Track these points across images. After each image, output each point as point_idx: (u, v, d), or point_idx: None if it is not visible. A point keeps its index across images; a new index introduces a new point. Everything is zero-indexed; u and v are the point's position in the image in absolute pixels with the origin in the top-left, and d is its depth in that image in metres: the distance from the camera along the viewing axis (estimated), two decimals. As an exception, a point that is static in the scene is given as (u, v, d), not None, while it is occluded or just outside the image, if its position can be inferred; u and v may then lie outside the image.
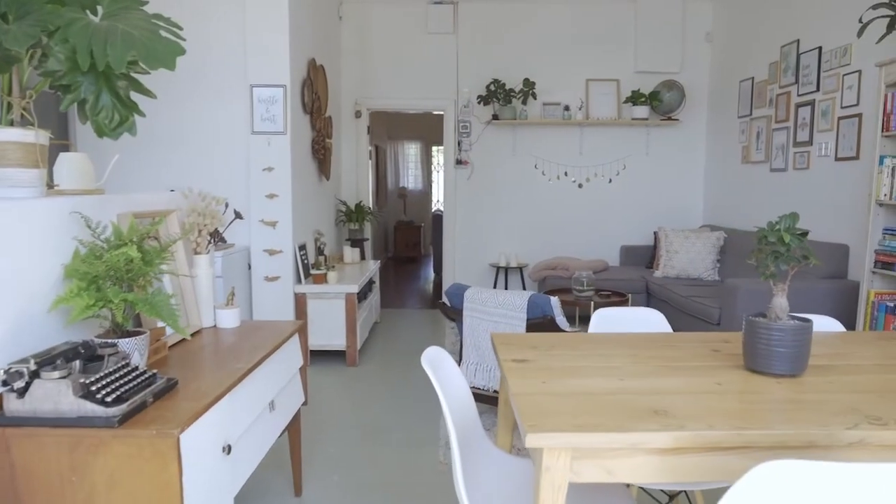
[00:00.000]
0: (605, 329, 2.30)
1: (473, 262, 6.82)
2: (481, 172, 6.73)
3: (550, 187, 6.79)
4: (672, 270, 5.80)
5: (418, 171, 11.88)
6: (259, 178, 4.43)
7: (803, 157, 4.94)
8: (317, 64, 5.18)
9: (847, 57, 4.41)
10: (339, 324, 4.65)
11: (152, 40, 1.57)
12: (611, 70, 6.65)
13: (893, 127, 3.53)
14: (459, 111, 6.63)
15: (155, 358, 2.02)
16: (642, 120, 6.46)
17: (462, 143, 6.68)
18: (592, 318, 2.31)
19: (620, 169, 6.80)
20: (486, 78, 6.57)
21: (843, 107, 4.46)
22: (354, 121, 6.58)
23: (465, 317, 3.23)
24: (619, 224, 6.85)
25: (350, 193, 6.63)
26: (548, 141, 6.73)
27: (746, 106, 5.84)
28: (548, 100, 6.63)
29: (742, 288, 4.17)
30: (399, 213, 11.50)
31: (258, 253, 4.48)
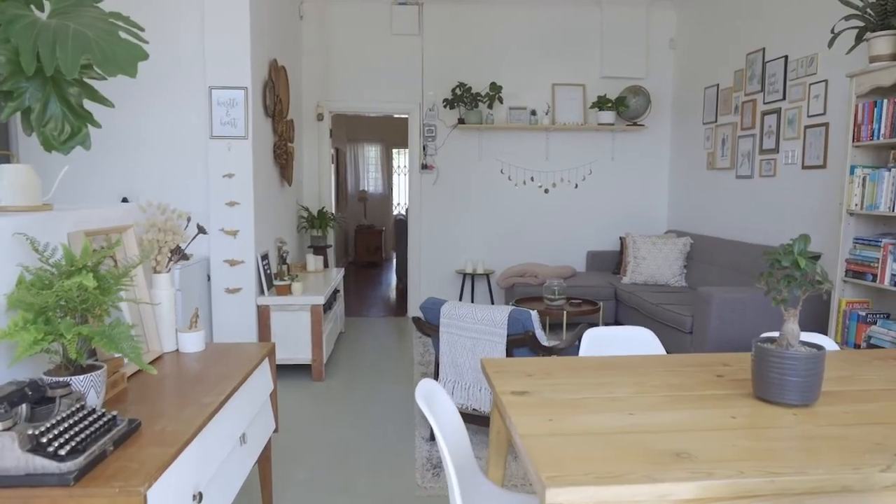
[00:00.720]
0: (596, 350, 2.20)
1: (439, 269, 6.69)
2: (447, 177, 6.60)
3: (517, 192, 6.71)
4: (640, 277, 5.78)
5: (378, 174, 11.68)
6: (219, 185, 4.20)
7: (770, 165, 4.97)
8: (278, 65, 4.97)
9: (813, 67, 4.45)
10: (304, 337, 4.45)
11: (110, 42, 1.38)
12: (577, 75, 6.62)
13: (864, 137, 3.55)
14: (425, 115, 6.49)
15: (113, 392, 1.83)
16: (608, 125, 6.44)
17: (427, 147, 6.54)
18: (584, 338, 2.20)
19: (586, 174, 6.77)
20: (451, 81, 6.45)
21: (809, 115, 4.50)
22: (316, 123, 6.37)
23: (442, 333, 3.09)
24: (585, 229, 6.82)
25: (312, 199, 6.41)
26: (514, 146, 6.65)
27: (711, 113, 5.87)
28: (514, 104, 6.55)
29: (716, 296, 4.15)
30: (359, 216, 11.28)
31: (218, 264, 4.25)
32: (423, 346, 5.39)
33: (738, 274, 5.02)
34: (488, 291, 6.64)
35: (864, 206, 3.57)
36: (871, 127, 3.51)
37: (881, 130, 3.44)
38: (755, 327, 4.21)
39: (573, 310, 4.67)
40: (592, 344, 2.20)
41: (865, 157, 3.66)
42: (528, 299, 5.14)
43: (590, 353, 2.18)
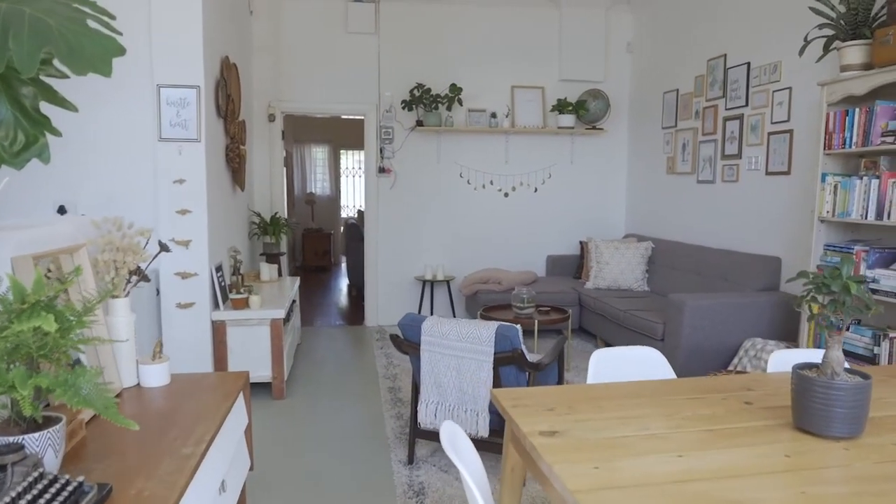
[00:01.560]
0: (605, 373, 2.06)
1: (398, 276, 6.48)
2: (405, 181, 6.40)
3: (476, 197, 6.57)
4: (603, 282, 5.74)
5: (326, 176, 11.35)
6: (169, 192, 3.87)
7: (732, 170, 5.00)
8: (230, 62, 4.65)
9: (777, 74, 4.49)
10: (263, 353, 4.17)
11: (76, 33, 1.14)
12: (536, 77, 6.54)
13: (836, 145, 3.56)
14: (382, 116, 6.27)
15: (71, 444, 1.56)
16: (568, 129, 6.39)
17: (385, 150, 6.32)
18: (591, 361, 2.06)
19: (546, 178, 6.70)
20: (409, 82, 6.25)
21: (773, 122, 4.53)
22: (268, 125, 6.05)
23: (424, 351, 2.90)
24: (545, 234, 6.75)
25: (264, 204, 6.09)
26: (473, 149, 6.51)
27: (671, 117, 5.89)
28: (473, 106, 6.42)
29: (689, 304, 4.11)
30: (307, 219, 10.91)
31: (169, 277, 3.92)
32: (385, 358, 5.17)
33: (703, 279, 5.03)
34: (449, 299, 6.48)
35: (836, 213, 3.58)
36: (842, 135, 3.53)
37: (853, 139, 3.46)
38: (726, 333, 4.20)
39: (543, 318, 4.56)
40: (601, 367, 2.07)
41: (836, 164, 3.68)
42: (495, 307, 5.00)
43: (599, 377, 2.04)
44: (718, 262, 4.91)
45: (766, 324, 4.25)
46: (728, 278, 4.75)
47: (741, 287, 4.56)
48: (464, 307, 6.49)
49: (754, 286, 4.47)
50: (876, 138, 3.33)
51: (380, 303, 6.47)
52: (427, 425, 2.94)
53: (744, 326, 4.22)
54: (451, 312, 6.45)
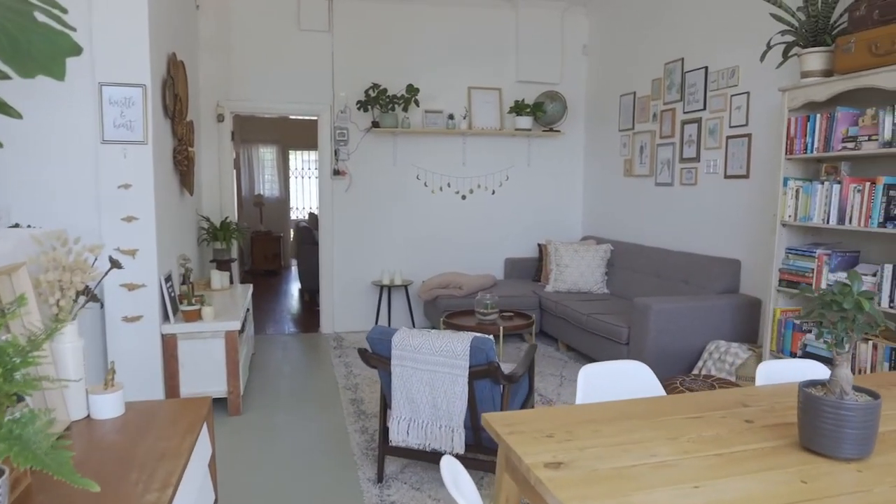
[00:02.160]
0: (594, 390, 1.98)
1: (354, 281, 6.30)
2: (360, 183, 6.23)
3: (433, 199, 6.46)
4: (563, 285, 5.72)
5: (275, 178, 11.02)
6: (113, 198, 3.61)
7: (690, 173, 5.04)
8: (177, 59, 4.40)
9: (735, 78, 4.54)
10: (217, 367, 3.94)
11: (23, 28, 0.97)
12: (493, 79, 6.47)
13: (797, 150, 3.61)
14: (336, 117, 6.08)
15: (15, 494, 1.37)
16: (525, 131, 6.35)
17: (339, 151, 6.13)
18: (580, 378, 1.98)
19: (503, 180, 6.65)
20: (364, 82, 6.08)
21: (731, 126, 4.59)
22: (216, 125, 5.78)
23: (395, 366, 2.77)
24: (502, 236, 6.70)
25: (213, 208, 5.81)
26: (430, 151, 6.40)
27: (628, 120, 5.91)
28: (430, 107, 6.30)
29: (654, 308, 4.11)
30: (255, 222, 10.57)
31: (113, 289, 3.65)
32: (344, 367, 5.00)
33: (663, 281, 5.06)
34: (407, 304, 6.34)
35: (798, 217, 3.63)
36: (804, 140, 3.57)
37: (814, 144, 3.51)
38: (690, 336, 4.22)
39: (508, 324, 4.48)
40: (589, 383, 1.98)
41: (796, 169, 3.73)
42: (458, 314, 4.90)
43: (589, 395, 1.96)
44: (679, 265, 4.95)
45: (727, 326, 4.29)
46: (689, 281, 4.78)
47: (702, 289, 4.60)
48: (422, 312, 6.37)
49: (715, 288, 4.52)
50: (837, 144, 3.38)
51: (336, 309, 6.28)
52: (399, 442, 2.81)
53: (707, 329, 4.25)
54: (410, 318, 6.32)
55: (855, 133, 3.30)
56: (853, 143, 3.29)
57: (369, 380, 4.65)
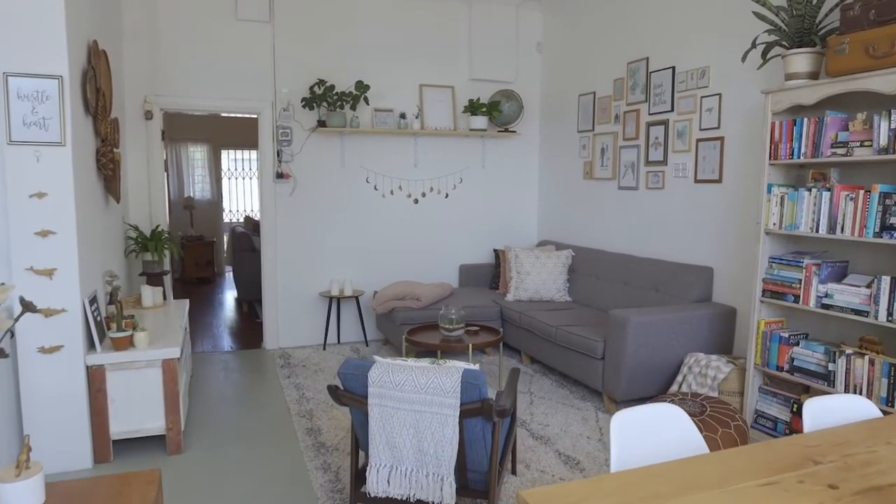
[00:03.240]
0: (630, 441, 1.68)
1: (300, 292, 5.84)
2: (306, 187, 5.77)
3: (384, 203, 6.08)
4: (524, 293, 5.46)
5: (206, 179, 10.32)
6: (23, 209, 3.06)
7: (658, 177, 4.88)
8: (98, 49, 3.85)
9: (705, 79, 4.38)
10: (153, 401, 3.45)
11: None
12: (445, 76, 6.14)
13: (783, 156, 3.45)
14: (279, 115, 5.60)
15: None
16: (480, 131, 6.05)
17: (282, 153, 5.66)
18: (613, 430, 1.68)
19: (457, 183, 6.34)
20: (310, 78, 5.63)
21: (702, 129, 4.43)
22: (144, 123, 5.20)
23: (372, 406, 2.40)
24: (457, 242, 6.39)
25: (142, 215, 5.23)
26: (380, 152, 6.01)
27: (588, 121, 5.71)
28: (380, 106, 5.91)
29: (633, 320, 3.89)
30: (186, 226, 9.87)
31: (26, 316, 3.10)
32: (295, 390, 4.56)
33: (631, 289, 4.87)
34: (358, 316, 5.93)
35: (783, 225, 3.48)
36: (789, 145, 3.42)
37: (801, 150, 3.36)
38: (668, 349, 4.03)
39: (477, 341, 4.17)
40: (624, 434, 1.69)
41: (778, 175, 3.58)
42: (419, 329, 4.55)
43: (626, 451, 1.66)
44: (647, 272, 4.77)
45: (703, 337, 4.13)
46: (659, 289, 4.61)
47: (674, 298, 4.43)
48: (374, 324, 5.98)
49: (688, 297, 4.35)
50: (826, 149, 3.24)
51: (280, 323, 5.80)
52: (378, 493, 2.44)
53: (684, 340, 4.07)
54: (362, 331, 5.91)
55: (845, 138, 3.16)
56: (844, 148, 3.15)
57: (325, 404, 4.24)
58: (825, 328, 3.58)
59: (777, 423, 3.57)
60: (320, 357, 5.42)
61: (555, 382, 4.72)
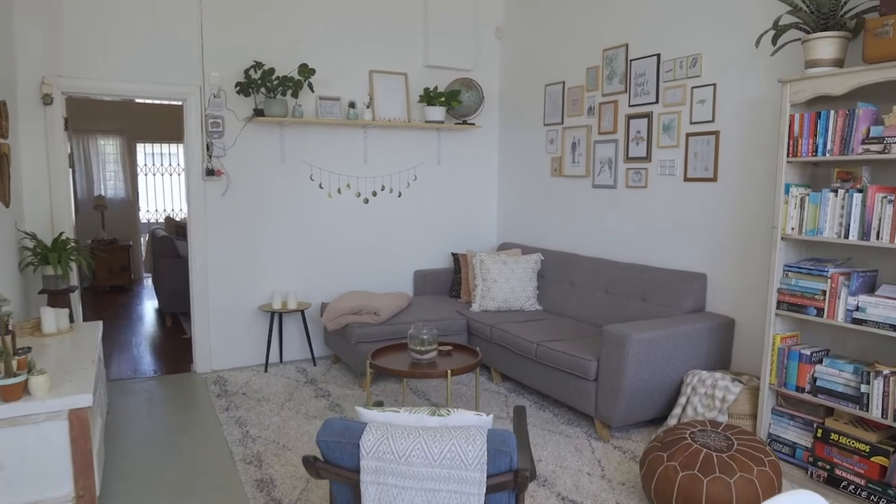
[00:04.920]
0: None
1: (236, 306, 5.10)
2: (241, 185, 5.04)
3: (331, 204, 5.41)
4: (492, 303, 4.95)
5: (119, 175, 9.26)
6: None
7: (639, 175, 4.47)
8: (-23, 12, 3.03)
9: (697, 68, 3.99)
10: (58, 463, 2.70)
11: None
12: (398, 62, 5.54)
13: (805, 152, 3.08)
14: (208, 103, 4.84)
15: None
16: (436, 123, 5.49)
17: (213, 146, 4.90)
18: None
19: (411, 180, 5.75)
20: (244, 60, 4.90)
21: (693, 122, 4.04)
22: (42, 109, 4.32)
23: (368, 483, 1.80)
24: (411, 246, 5.80)
25: (41, 220, 4.36)
26: (326, 146, 5.34)
27: (556, 113, 5.25)
28: (325, 94, 5.24)
29: (633, 337, 3.44)
30: (97, 229, 8.80)
31: None
32: (237, 427, 3.87)
33: (613, 297, 4.45)
34: (304, 333, 5.24)
35: (804, 230, 3.11)
36: (812, 141, 3.04)
37: (826, 146, 2.99)
38: (669, 368, 3.61)
39: (455, 366, 3.61)
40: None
41: (793, 174, 3.21)
42: (383, 350, 3.95)
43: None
44: (631, 279, 4.35)
45: (702, 351, 3.74)
46: (647, 298, 4.20)
47: (665, 309, 4.03)
48: (322, 340, 5.32)
49: (680, 307, 3.96)
50: (857, 146, 2.87)
51: (213, 341, 5.05)
52: None
53: (683, 357, 3.67)
54: (308, 349, 5.23)
55: (879, 133, 2.81)
56: (879, 144, 2.79)
57: (275, 445, 3.58)
58: (842, 344, 3.25)
59: (795, 448, 3.21)
60: (262, 381, 4.72)
61: (534, 404, 4.23)
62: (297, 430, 3.77)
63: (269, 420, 3.94)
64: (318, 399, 4.33)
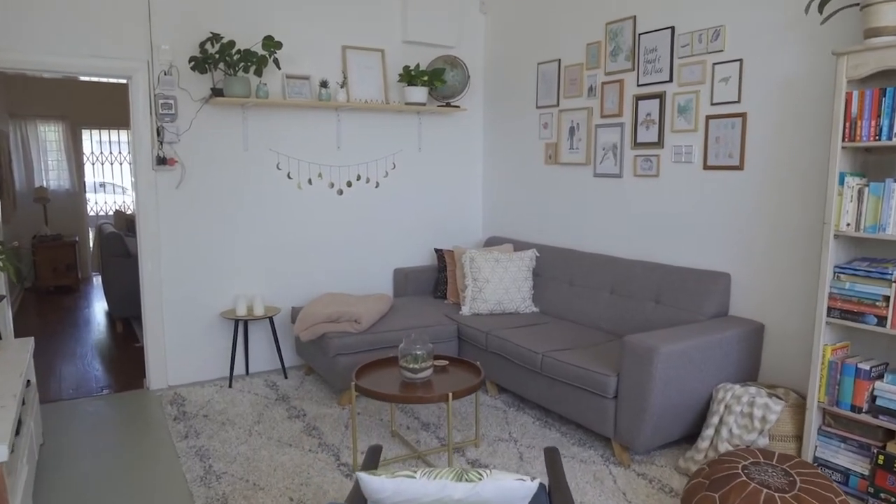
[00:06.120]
0: None
1: (194, 314, 4.50)
2: (198, 176, 4.43)
3: (301, 196, 4.83)
4: (484, 305, 4.46)
5: (63, 165, 8.46)
6: None
7: (650, 162, 4.01)
8: None
9: (719, 42, 3.54)
10: (-35, 533, 2.12)
11: None
12: (374, 37, 4.97)
13: (864, 135, 2.65)
14: (157, 81, 4.21)
15: None
16: (418, 105, 4.94)
17: (164, 130, 4.27)
18: None
19: (389, 169, 5.20)
20: (200, 31, 4.28)
21: (714, 103, 3.59)
22: (-45, 87, 3.64)
23: None
24: (390, 241, 5.27)
25: (-44, 218, 3.70)
26: (295, 130, 4.75)
27: (551, 94, 4.76)
28: (293, 72, 4.65)
29: (661, 350, 2.98)
30: (38, 223, 8.01)
31: None
32: (198, 460, 3.30)
33: (620, 299, 4.00)
34: (273, 342, 4.66)
35: (863, 227, 2.68)
36: (874, 123, 2.61)
37: (894, 128, 2.56)
38: (698, 381, 3.18)
39: (457, 387, 3.11)
40: None
41: (845, 161, 2.79)
42: (369, 367, 3.43)
43: None
44: (641, 278, 3.91)
45: (732, 362, 3.32)
46: (661, 300, 3.76)
47: (683, 312, 3.59)
48: (293, 349, 4.76)
49: (702, 311, 3.53)
50: (933, 127, 2.45)
51: (169, 353, 4.45)
52: None
53: (712, 369, 3.24)
54: (278, 359, 4.66)
55: (959, 112, 2.39)
56: (960, 126, 2.37)
57: (244, 483, 3.03)
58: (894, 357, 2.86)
59: (849, 475, 2.81)
60: (227, 399, 4.14)
61: (538, 421, 3.77)
62: (269, 463, 3.23)
63: (236, 450, 3.38)
64: (292, 420, 3.78)
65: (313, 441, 3.48)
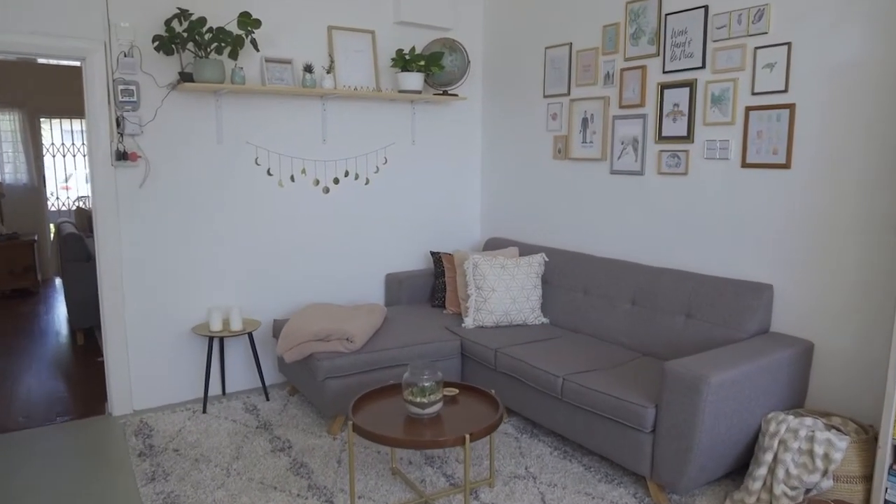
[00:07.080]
0: None
1: (163, 329, 3.99)
2: (164, 173, 3.90)
3: (283, 194, 4.33)
4: (489, 317, 4.02)
5: (20, 157, 7.80)
6: None
7: (677, 159, 3.59)
8: None
9: (763, 23, 3.11)
10: None
11: None
12: (363, 17, 4.47)
13: (960, 129, 2.24)
14: (117, 63, 3.67)
15: None
16: (413, 93, 4.46)
17: (125, 121, 3.74)
18: None
19: (380, 164, 4.72)
20: (166, 7, 3.74)
21: (755, 92, 3.17)
22: None
23: None
24: (382, 244, 4.79)
25: None
26: (275, 121, 4.24)
27: (561, 82, 4.31)
28: (273, 55, 4.13)
29: (712, 381, 2.56)
30: (-9, 222, 7.38)
31: None
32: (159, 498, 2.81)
33: (644, 310, 3.58)
34: (253, 360, 4.16)
35: (955, 237, 2.28)
36: (973, 114, 2.20)
37: None
38: (747, 412, 2.77)
39: (474, 427, 2.65)
40: None
41: (929, 159, 2.38)
42: (367, 397, 2.96)
43: None
44: (667, 288, 3.49)
45: (781, 387, 2.92)
46: (693, 314, 3.34)
47: (720, 328, 3.19)
48: (274, 366, 4.26)
49: (744, 328, 3.12)
50: None
51: (134, 374, 3.93)
52: None
53: (761, 396, 2.83)
54: (258, 377, 4.15)
55: None
56: None
57: (221, 542, 2.55)
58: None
59: (929, 526, 2.42)
60: (201, 428, 3.64)
61: (556, 451, 3.34)
62: (250, 513, 2.76)
63: (212, 497, 2.90)
64: (276, 455, 3.30)
65: (301, 482, 3.01)
